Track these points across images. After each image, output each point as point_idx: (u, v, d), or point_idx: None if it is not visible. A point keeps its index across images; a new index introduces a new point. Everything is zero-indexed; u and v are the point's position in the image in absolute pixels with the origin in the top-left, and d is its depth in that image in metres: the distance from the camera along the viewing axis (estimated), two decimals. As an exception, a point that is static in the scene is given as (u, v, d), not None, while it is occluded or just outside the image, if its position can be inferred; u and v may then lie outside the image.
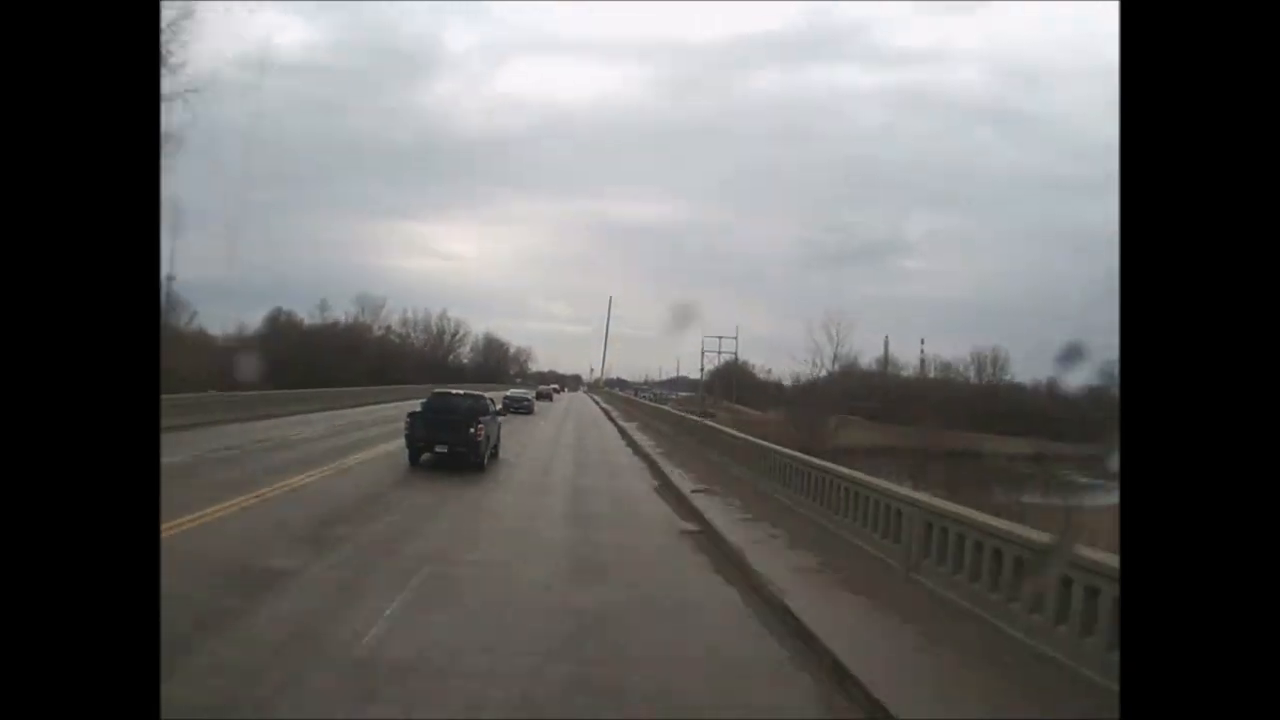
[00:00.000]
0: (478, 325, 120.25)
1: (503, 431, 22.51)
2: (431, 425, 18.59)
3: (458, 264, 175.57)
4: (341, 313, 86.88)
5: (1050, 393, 64.87)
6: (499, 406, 24.25)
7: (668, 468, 21.49)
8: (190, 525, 10.17)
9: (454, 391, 22.34)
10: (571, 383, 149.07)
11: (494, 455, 20.73)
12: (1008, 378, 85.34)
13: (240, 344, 53.05)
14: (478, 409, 19.80)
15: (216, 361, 39.73)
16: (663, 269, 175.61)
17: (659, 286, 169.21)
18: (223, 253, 47.94)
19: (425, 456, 18.43)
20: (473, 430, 18.45)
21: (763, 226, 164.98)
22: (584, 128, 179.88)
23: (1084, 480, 44.06)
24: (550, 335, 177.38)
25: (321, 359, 60.82)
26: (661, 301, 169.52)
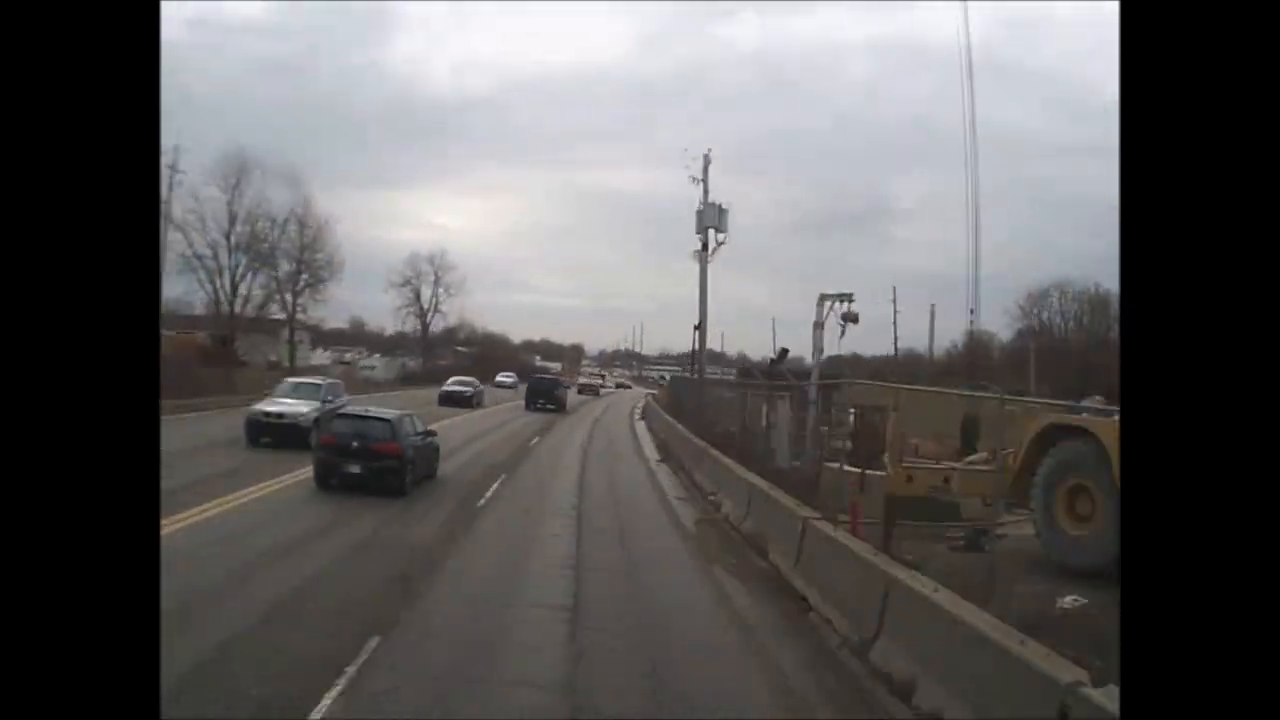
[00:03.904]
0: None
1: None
2: (536, 391, 44.54)
3: (443, 235, 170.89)
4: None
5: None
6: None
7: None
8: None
9: (545, 376, 53.54)
10: (569, 358, 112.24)
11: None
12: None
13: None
14: (560, 384, 48.08)
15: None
16: (651, 238, 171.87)
17: (650, 256, 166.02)
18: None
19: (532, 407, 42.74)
20: (558, 393, 45.11)
21: (748, 192, 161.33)
22: (558, 89, 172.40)
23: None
24: (543, 308, 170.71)
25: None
26: (653, 271, 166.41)
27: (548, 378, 49.49)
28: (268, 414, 19.31)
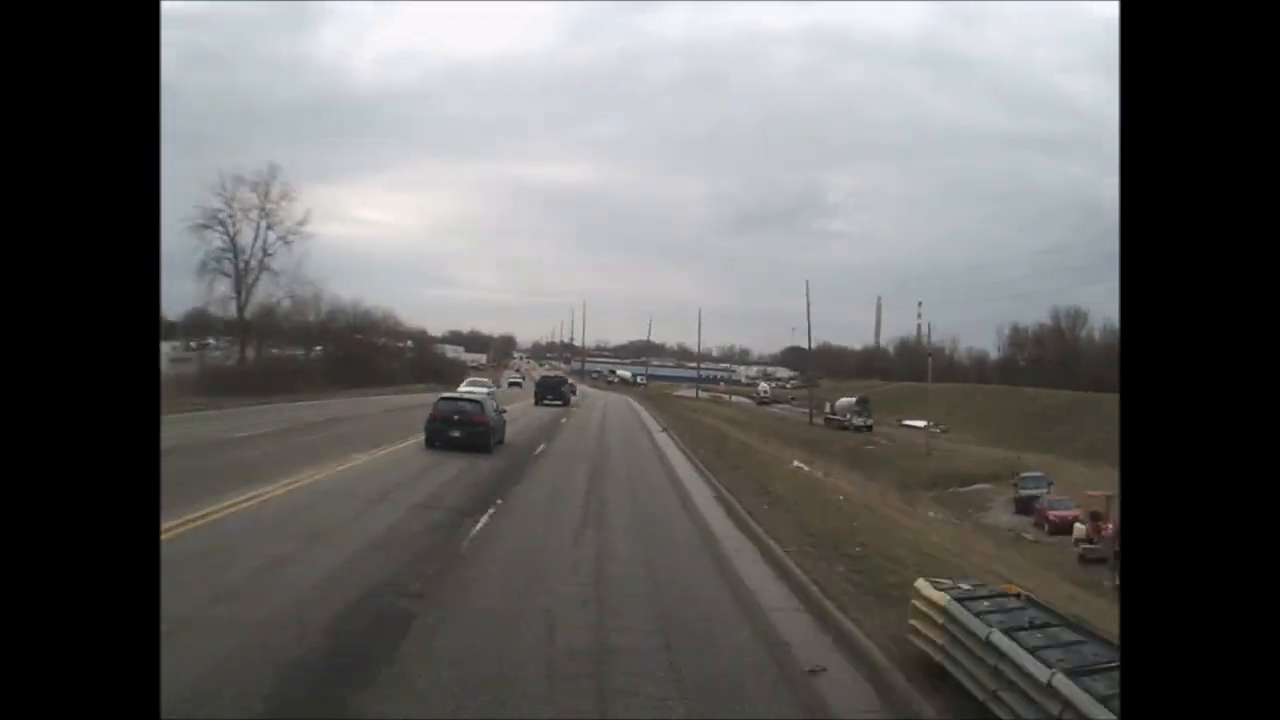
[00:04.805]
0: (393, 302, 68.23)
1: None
2: (544, 388, 49.88)
3: (374, 230, 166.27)
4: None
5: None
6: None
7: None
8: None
9: (551, 374, 63.40)
10: (498, 349, 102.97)
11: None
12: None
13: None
14: (564, 381, 54.87)
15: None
16: (583, 232, 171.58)
17: (583, 252, 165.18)
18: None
19: (541, 403, 46.28)
20: (563, 389, 50.06)
21: (679, 186, 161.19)
22: (485, 81, 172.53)
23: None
24: (479, 304, 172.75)
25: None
26: (584, 266, 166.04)
27: (553, 376, 59.75)
28: None
